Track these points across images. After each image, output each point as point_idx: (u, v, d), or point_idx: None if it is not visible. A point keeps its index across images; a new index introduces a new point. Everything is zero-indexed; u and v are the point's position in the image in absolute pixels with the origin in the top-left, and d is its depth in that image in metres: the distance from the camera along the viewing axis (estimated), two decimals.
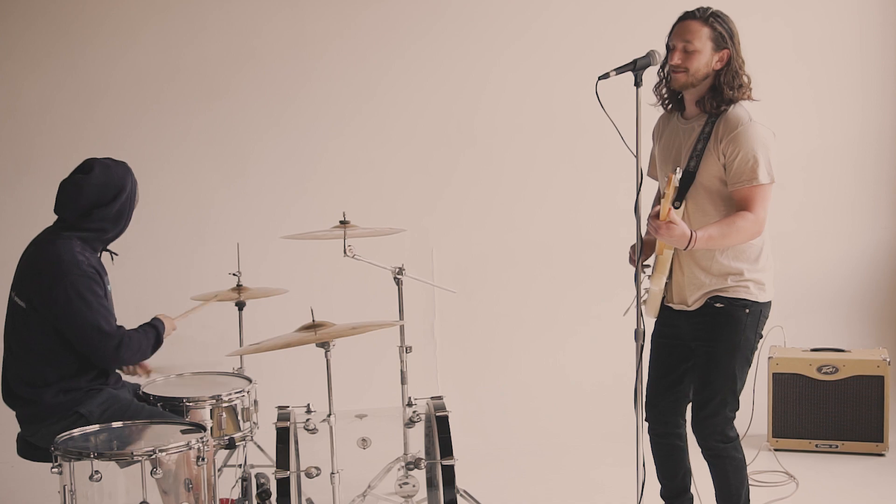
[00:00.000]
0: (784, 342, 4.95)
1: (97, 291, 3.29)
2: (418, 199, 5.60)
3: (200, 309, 3.84)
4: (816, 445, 4.75)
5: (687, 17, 3.29)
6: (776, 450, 4.72)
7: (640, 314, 3.34)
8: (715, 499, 3.48)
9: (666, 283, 3.39)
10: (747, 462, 4.62)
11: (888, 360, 4.71)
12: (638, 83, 3.27)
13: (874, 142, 5.65)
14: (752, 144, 3.14)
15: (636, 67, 3.30)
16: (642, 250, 3.31)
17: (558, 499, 4.37)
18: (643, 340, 3.40)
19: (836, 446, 4.73)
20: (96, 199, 3.37)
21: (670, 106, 3.43)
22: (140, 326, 3.46)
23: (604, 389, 5.25)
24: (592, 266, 5.57)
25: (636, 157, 3.32)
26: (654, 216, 3.13)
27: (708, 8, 3.29)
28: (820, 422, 4.75)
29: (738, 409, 3.37)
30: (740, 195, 3.18)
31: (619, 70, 3.29)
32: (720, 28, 3.24)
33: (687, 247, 3.12)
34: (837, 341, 5.09)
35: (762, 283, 3.28)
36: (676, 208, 3.26)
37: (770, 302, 3.33)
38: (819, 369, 4.75)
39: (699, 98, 3.29)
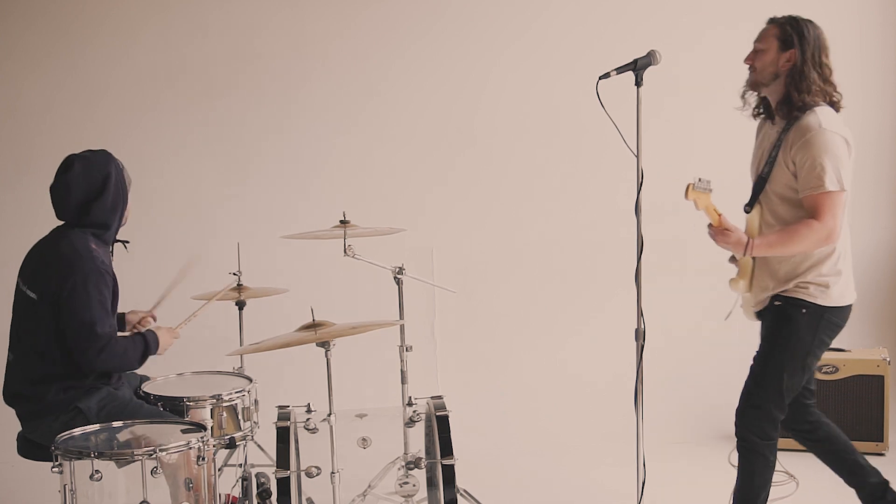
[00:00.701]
0: None
1: (102, 290, 3.30)
2: (418, 199, 5.59)
3: (202, 311, 3.85)
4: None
5: (768, 22, 3.39)
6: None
7: (640, 313, 3.34)
8: (733, 492, 3.49)
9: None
10: None
11: (888, 359, 4.71)
12: (638, 83, 3.28)
13: (874, 142, 5.65)
14: (820, 152, 3.17)
15: (637, 67, 3.30)
16: (642, 249, 3.33)
17: (558, 499, 4.37)
18: (643, 340, 3.41)
19: None
20: (86, 193, 3.38)
21: (762, 114, 3.48)
22: (131, 335, 3.45)
23: (604, 389, 5.26)
24: (593, 266, 5.57)
25: (636, 157, 3.33)
26: (710, 224, 3.29)
27: (791, 15, 3.35)
28: None
29: (784, 411, 3.39)
30: (808, 203, 3.22)
31: (620, 70, 3.30)
32: (790, 29, 3.29)
33: (744, 253, 3.25)
34: (837, 341, 5.05)
35: (825, 287, 3.30)
36: (747, 213, 3.38)
37: (842, 308, 3.35)
38: (819, 369, 4.74)
39: (776, 103, 3.34)
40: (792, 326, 3.31)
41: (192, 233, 5.51)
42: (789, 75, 3.27)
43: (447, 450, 3.56)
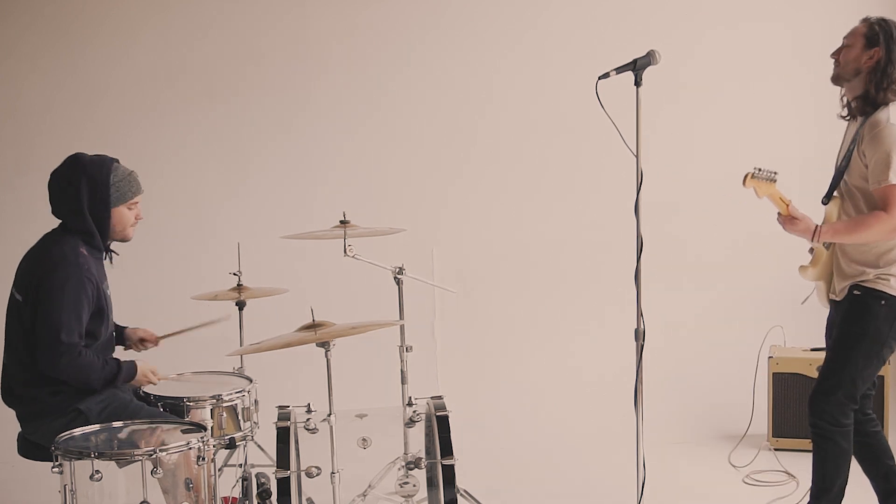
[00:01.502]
0: (784, 342, 4.95)
1: (80, 298, 3.26)
2: (418, 199, 5.59)
3: (192, 330, 3.83)
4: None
5: (860, 21, 3.43)
6: (776, 449, 4.72)
7: (639, 313, 3.34)
8: (811, 482, 3.52)
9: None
10: (747, 462, 4.65)
11: (888, 360, 4.71)
12: (638, 83, 3.27)
13: None
14: (886, 145, 3.25)
15: (636, 67, 3.30)
16: (642, 249, 3.34)
17: (558, 499, 4.37)
18: (643, 340, 3.41)
19: None
20: (59, 191, 3.37)
21: (849, 115, 3.53)
22: (108, 358, 3.40)
23: (604, 389, 5.25)
24: (593, 266, 5.57)
25: (636, 157, 3.32)
26: (779, 213, 3.40)
27: (883, 17, 3.40)
28: None
29: (855, 399, 3.42)
30: (878, 195, 3.30)
31: (620, 70, 3.30)
32: (877, 28, 3.35)
33: (812, 238, 3.36)
34: None
35: None
36: (824, 204, 3.47)
37: None
38: (819, 369, 4.74)
39: (853, 98, 3.42)
40: (869, 316, 3.37)
41: (192, 233, 5.52)
42: (871, 72, 3.34)
43: (447, 450, 3.56)
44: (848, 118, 3.55)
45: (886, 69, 3.32)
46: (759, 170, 3.36)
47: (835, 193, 3.49)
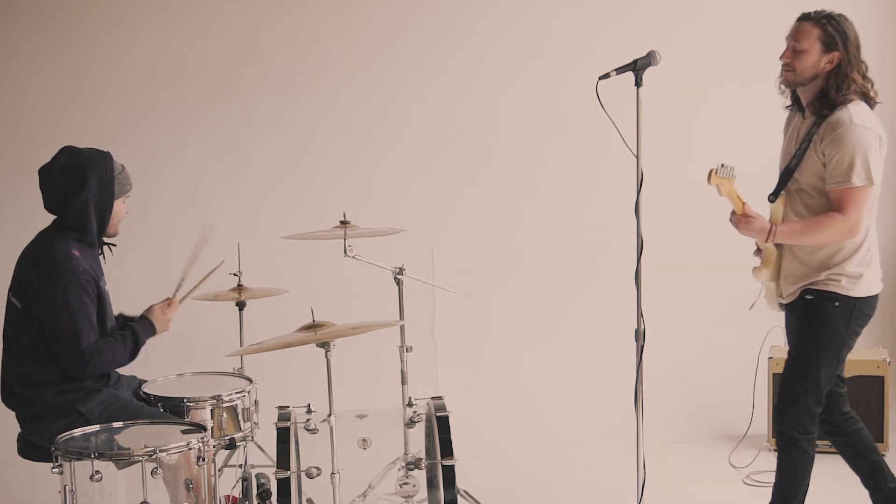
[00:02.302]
0: (784, 342, 4.94)
1: (85, 301, 3.27)
2: (418, 199, 5.59)
3: (203, 283, 3.79)
4: (817, 445, 4.74)
5: (802, 18, 3.35)
6: (776, 450, 4.71)
7: (640, 314, 3.34)
8: (772, 488, 3.52)
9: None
10: (747, 462, 4.65)
11: (888, 360, 4.71)
12: (638, 83, 3.27)
13: None
14: (850, 146, 3.19)
15: (636, 67, 3.30)
16: (642, 249, 3.34)
17: (558, 499, 4.37)
18: (643, 341, 3.41)
19: None
20: (65, 185, 3.34)
21: (794, 107, 3.48)
22: (120, 333, 3.42)
23: (604, 389, 5.25)
24: (593, 266, 5.57)
25: (636, 157, 3.32)
26: (733, 212, 3.32)
27: (824, 11, 3.32)
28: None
29: (821, 403, 3.41)
30: (834, 196, 3.25)
31: (620, 70, 3.30)
32: (832, 30, 3.27)
33: (767, 239, 3.29)
34: None
35: (856, 278, 3.33)
36: (771, 202, 3.40)
37: (872, 298, 3.38)
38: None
39: (810, 100, 3.34)
40: (825, 319, 3.34)
41: (192, 233, 5.49)
42: (830, 76, 3.27)
43: (447, 450, 3.56)
44: (791, 108, 3.48)
45: (847, 71, 3.25)
46: (723, 166, 3.29)
47: (782, 192, 3.42)
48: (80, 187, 3.34)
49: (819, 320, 3.34)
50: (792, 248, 3.39)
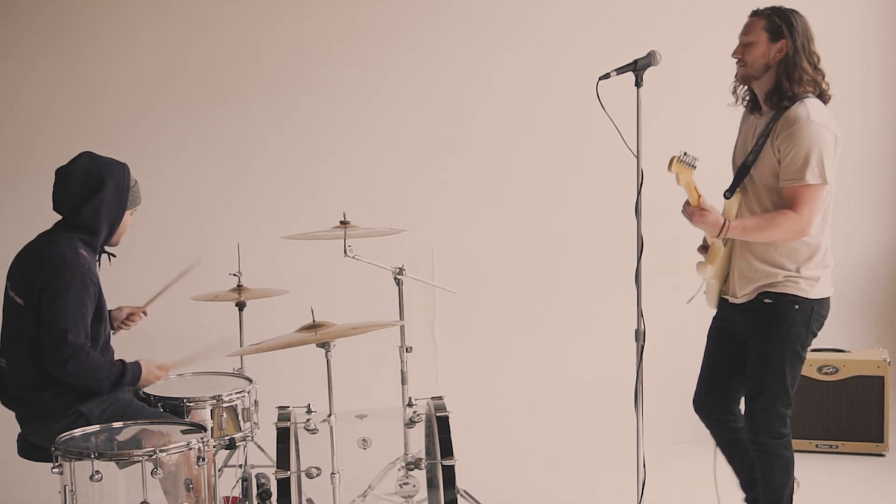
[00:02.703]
0: None
1: (84, 300, 3.27)
2: (418, 199, 5.59)
3: (172, 285, 3.84)
4: (816, 445, 4.75)
5: (751, 14, 3.35)
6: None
7: (640, 313, 3.34)
8: (758, 495, 3.51)
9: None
10: None
11: (888, 360, 4.71)
12: (638, 83, 3.27)
13: (875, 142, 5.65)
14: (806, 143, 3.16)
15: (637, 68, 3.30)
16: (642, 250, 3.33)
17: (558, 499, 4.37)
18: (643, 341, 3.41)
19: (836, 446, 4.73)
20: (82, 189, 3.35)
21: (749, 105, 3.45)
22: (114, 359, 3.40)
23: (604, 389, 5.25)
24: (593, 266, 5.57)
25: (637, 157, 3.32)
26: (687, 203, 3.24)
27: (773, 6, 3.32)
28: (820, 422, 4.75)
29: (790, 405, 3.39)
30: (787, 193, 3.22)
31: (620, 70, 3.29)
32: (777, 20, 3.26)
33: (719, 234, 3.24)
34: (837, 341, 5.08)
35: (814, 280, 3.31)
36: (727, 199, 3.36)
37: (826, 299, 3.36)
38: (819, 369, 4.75)
39: (766, 95, 3.32)
40: (787, 324, 3.30)
41: (192, 233, 5.51)
42: (781, 66, 3.25)
43: (447, 450, 3.56)
44: (740, 103, 3.45)
45: (795, 59, 3.23)
46: (685, 154, 3.25)
47: (737, 188, 3.38)
48: (96, 192, 3.37)
49: (780, 324, 3.31)
50: (748, 248, 3.34)
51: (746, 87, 3.42)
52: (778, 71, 3.26)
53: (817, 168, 3.16)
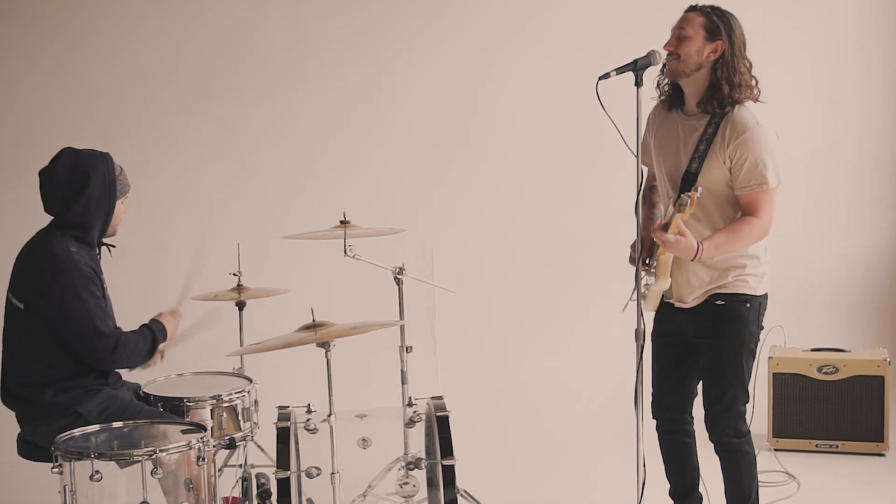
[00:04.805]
0: (784, 342, 4.94)
1: (94, 291, 3.28)
2: (418, 199, 5.59)
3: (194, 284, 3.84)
4: (817, 445, 4.75)
5: (687, 9, 3.33)
6: (776, 450, 4.72)
7: (640, 313, 3.33)
8: (725, 495, 3.49)
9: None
10: None
11: (888, 360, 4.71)
12: (638, 83, 3.26)
13: (875, 141, 5.65)
14: (761, 149, 3.15)
15: (637, 67, 3.29)
16: (643, 248, 3.32)
17: (558, 499, 4.37)
18: (643, 340, 3.40)
19: (837, 446, 4.72)
20: (67, 187, 3.34)
21: (668, 102, 3.41)
22: (139, 328, 3.44)
23: (604, 389, 5.25)
24: (592, 265, 5.56)
25: (636, 157, 3.32)
26: (662, 228, 3.12)
27: (713, 5, 3.30)
28: (820, 422, 4.75)
29: (748, 401, 3.40)
30: (747, 199, 3.20)
31: (620, 70, 3.28)
32: (716, 19, 3.23)
33: (693, 258, 3.15)
34: (837, 341, 5.08)
35: (761, 277, 3.32)
36: (675, 209, 3.22)
37: (767, 294, 3.37)
38: (819, 369, 4.74)
39: (700, 97, 3.27)
40: (741, 324, 3.30)
41: (192, 233, 5.51)
42: (715, 67, 3.20)
43: (447, 450, 3.56)
44: (663, 101, 3.39)
45: (733, 62, 3.18)
46: (698, 190, 3.09)
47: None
48: (82, 188, 3.35)
49: (734, 324, 3.30)
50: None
51: (668, 82, 3.37)
52: (714, 73, 3.21)
53: (773, 171, 3.16)
